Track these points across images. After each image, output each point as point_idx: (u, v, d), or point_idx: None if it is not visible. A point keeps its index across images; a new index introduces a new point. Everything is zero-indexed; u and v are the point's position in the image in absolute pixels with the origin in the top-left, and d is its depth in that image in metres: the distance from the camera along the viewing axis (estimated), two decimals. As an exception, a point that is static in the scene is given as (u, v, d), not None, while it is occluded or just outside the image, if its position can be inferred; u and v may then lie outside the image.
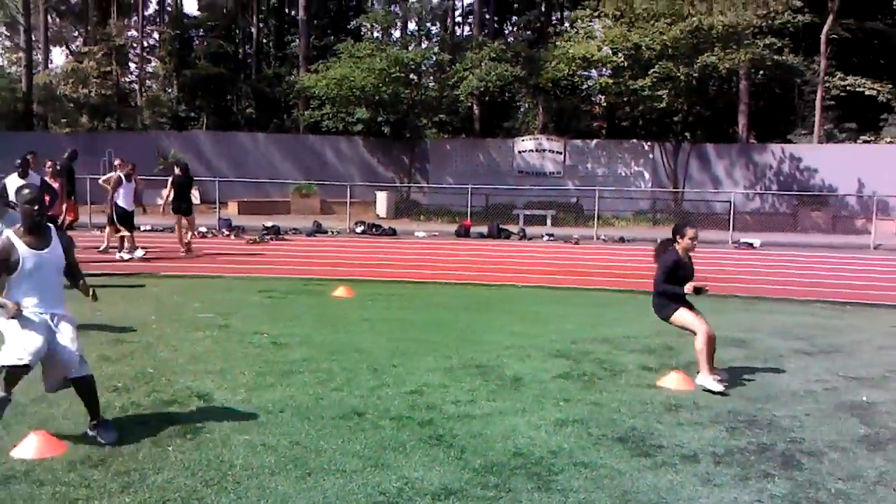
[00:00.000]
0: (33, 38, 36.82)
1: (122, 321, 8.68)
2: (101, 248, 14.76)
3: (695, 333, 6.58)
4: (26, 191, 5.01)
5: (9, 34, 42.38)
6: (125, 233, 14.26)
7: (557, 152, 29.55)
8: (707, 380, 6.43)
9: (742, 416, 5.76)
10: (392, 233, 20.86)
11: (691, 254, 6.88)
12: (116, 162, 14.90)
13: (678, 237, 6.77)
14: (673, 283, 6.64)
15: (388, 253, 16.66)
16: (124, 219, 14.21)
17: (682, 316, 6.69)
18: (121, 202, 14.16)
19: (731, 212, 21.52)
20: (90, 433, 4.97)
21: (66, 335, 4.93)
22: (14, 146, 17.82)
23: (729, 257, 16.95)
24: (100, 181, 15.32)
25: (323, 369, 6.82)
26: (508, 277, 13.25)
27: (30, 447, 4.67)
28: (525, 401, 6.03)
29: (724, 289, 12.12)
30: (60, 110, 35.48)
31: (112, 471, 4.47)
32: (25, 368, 4.76)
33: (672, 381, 6.54)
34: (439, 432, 5.24)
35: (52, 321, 4.92)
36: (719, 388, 6.34)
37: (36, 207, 4.87)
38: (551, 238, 20.44)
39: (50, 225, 5.13)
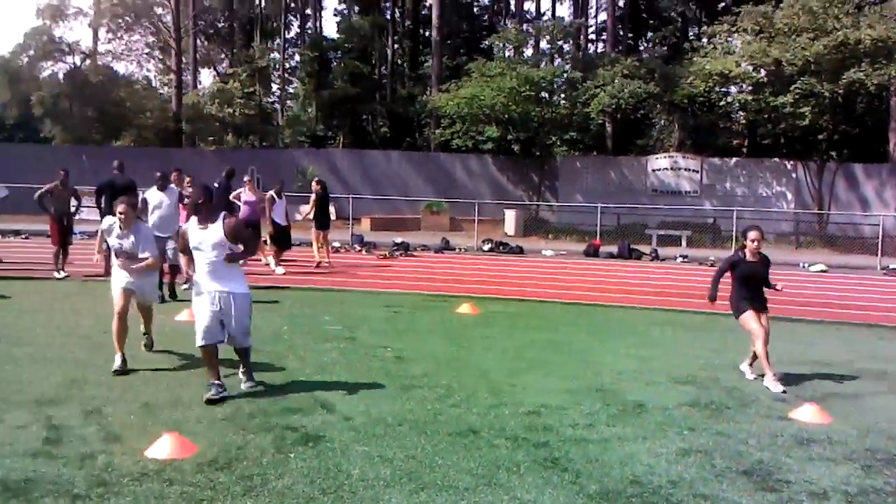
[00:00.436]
0: (183, 61, 39.15)
1: (257, 331, 9.04)
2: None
3: (753, 338, 7.36)
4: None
5: (162, 57, 45.24)
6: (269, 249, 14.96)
7: (694, 171, 28.70)
8: (771, 382, 7.09)
9: (880, 455, 5.38)
10: (519, 251, 20.83)
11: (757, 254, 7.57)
12: (246, 178, 15.46)
13: (743, 239, 7.61)
14: (738, 283, 7.56)
15: (515, 271, 16.64)
16: (281, 235, 14.87)
17: (745, 320, 7.47)
18: (276, 218, 14.86)
19: (881, 236, 20.23)
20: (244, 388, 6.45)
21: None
22: (165, 162, 19.02)
23: (875, 284, 15.92)
24: (230, 197, 16.10)
25: (442, 385, 6.88)
26: (637, 299, 12.94)
27: (163, 448, 4.94)
28: (647, 427, 5.87)
29: (866, 317, 11.40)
30: (207, 129, 37.51)
31: (236, 474, 4.67)
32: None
33: (806, 413, 6.19)
34: (555, 455, 5.18)
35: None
36: (780, 388, 7.00)
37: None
38: (685, 259, 19.85)
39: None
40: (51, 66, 40.97)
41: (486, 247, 21.17)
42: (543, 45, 38.14)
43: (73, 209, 13.70)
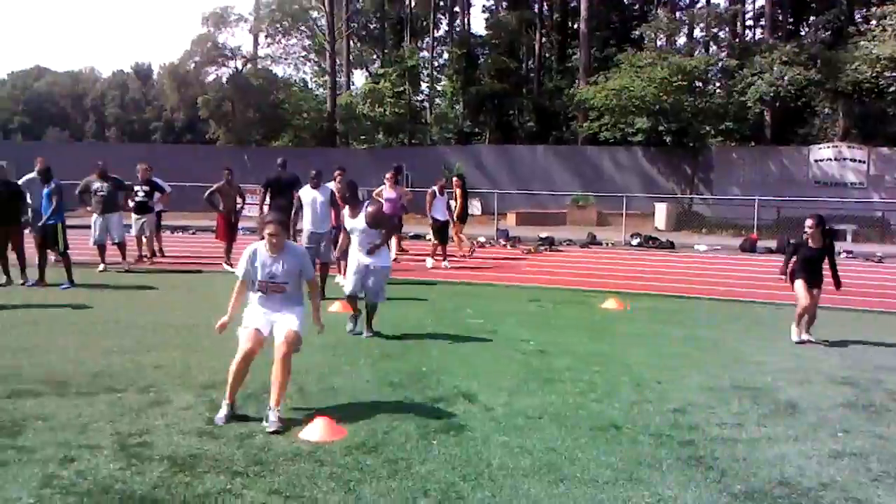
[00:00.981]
0: (337, 63, 40.62)
1: (403, 322, 9.35)
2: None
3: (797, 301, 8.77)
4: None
5: (317, 59, 47.09)
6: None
7: (860, 161, 27.01)
8: (793, 333, 8.79)
9: None
10: (670, 245, 20.28)
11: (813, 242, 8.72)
12: (388, 175, 15.89)
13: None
14: (798, 262, 8.90)
15: (664, 266, 16.24)
16: (440, 229, 15.31)
17: (796, 287, 8.86)
18: (436, 215, 15.29)
19: None
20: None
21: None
22: (319, 161, 19.82)
23: None
24: (373, 195, 16.66)
25: (585, 380, 6.85)
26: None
27: (315, 430, 5.20)
28: (799, 428, 5.62)
29: None
30: (360, 128, 38.77)
31: (382, 458, 4.85)
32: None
33: (981, 419, 5.74)
34: (700, 453, 5.06)
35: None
36: (797, 338, 8.71)
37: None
38: (850, 255, 18.67)
39: None
40: (215, 71, 43.59)
41: (635, 241, 20.75)
42: (697, 32, 36.95)
43: (238, 207, 14.54)
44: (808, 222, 8.71)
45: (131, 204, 14.37)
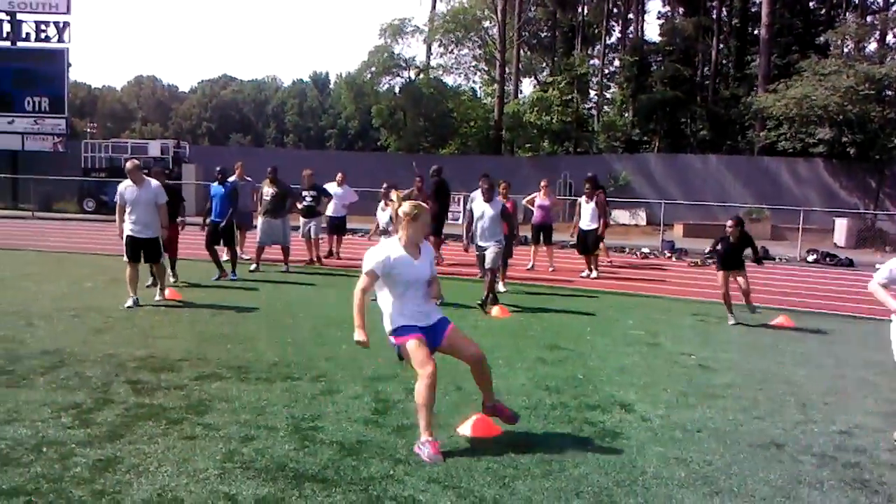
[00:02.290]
0: (506, 71, 41.05)
1: (562, 330, 9.46)
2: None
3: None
4: None
5: (487, 68, 47.76)
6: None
7: None
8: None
9: None
10: (849, 263, 19.12)
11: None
12: (543, 183, 15.97)
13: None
14: (720, 254, 10.98)
15: (841, 285, 15.36)
16: (582, 239, 15.29)
17: (719, 275, 11.02)
18: (582, 224, 15.23)
19: None
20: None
21: None
22: (482, 168, 20.20)
23: None
24: (523, 202, 16.87)
25: (747, 397, 6.69)
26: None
27: (472, 426, 5.42)
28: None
29: None
30: (525, 136, 39.02)
31: (536, 458, 4.99)
32: None
33: None
34: (865, 476, 4.87)
35: None
36: (732, 321, 10.52)
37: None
38: None
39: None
40: (388, 81, 45.14)
41: (811, 258, 19.72)
42: (890, 38, 34.54)
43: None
44: (729, 223, 10.91)
45: (299, 206, 14.89)
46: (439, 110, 40.74)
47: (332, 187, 15.93)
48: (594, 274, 14.84)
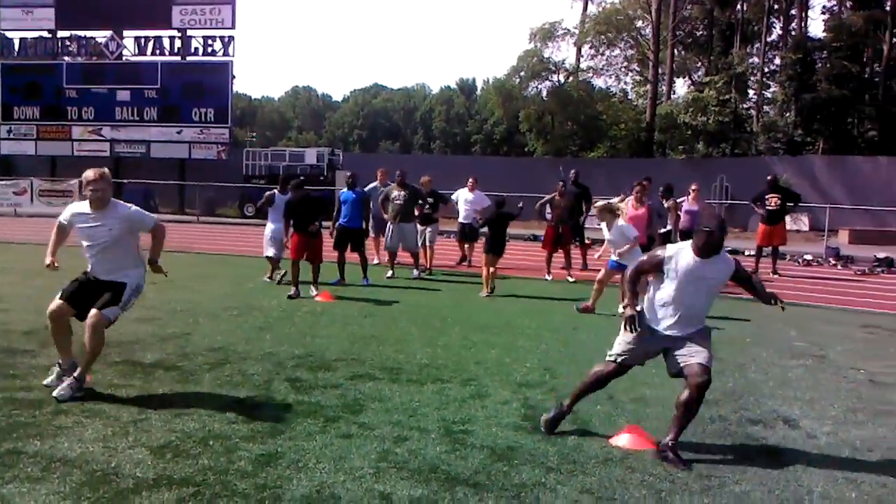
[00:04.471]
0: (660, 72, 40.00)
1: (719, 339, 9.06)
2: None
3: None
4: None
5: (639, 69, 46.73)
6: None
7: None
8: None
9: None
10: None
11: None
12: (693, 187, 15.43)
13: None
14: None
15: None
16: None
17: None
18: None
19: None
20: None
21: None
22: (634, 172, 19.79)
23: None
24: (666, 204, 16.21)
25: (927, 416, 6.18)
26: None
27: (625, 439, 5.29)
28: None
29: None
30: (678, 137, 37.88)
31: (695, 472, 4.81)
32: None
33: None
34: None
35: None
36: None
37: None
38: None
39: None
40: (537, 85, 45.00)
41: None
42: None
43: (570, 217, 14.71)
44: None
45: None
46: (588, 113, 40.26)
47: (463, 193, 15.54)
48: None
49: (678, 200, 15.36)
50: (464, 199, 15.41)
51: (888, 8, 40.36)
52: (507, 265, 15.75)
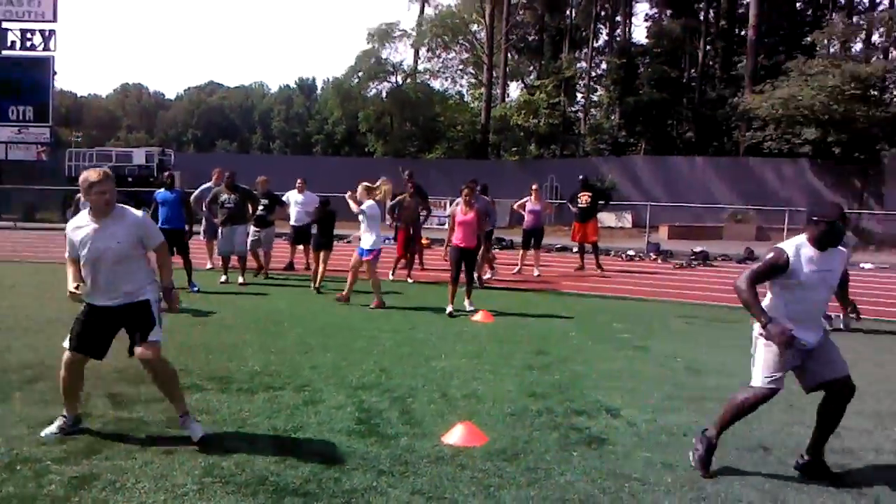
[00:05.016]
0: (494, 75, 41.05)
1: (548, 334, 9.41)
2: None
3: None
4: None
5: (474, 72, 47.79)
6: None
7: None
8: None
9: None
10: (835, 263, 19.12)
11: None
12: (534, 187, 16.00)
13: None
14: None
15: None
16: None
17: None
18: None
19: None
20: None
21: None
22: (470, 173, 20.19)
23: None
24: (514, 206, 16.84)
25: (734, 399, 6.64)
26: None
27: (457, 435, 5.36)
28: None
29: None
30: (512, 139, 39.05)
31: (522, 466, 4.93)
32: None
33: None
34: (855, 479, 4.83)
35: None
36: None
37: None
38: None
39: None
40: (376, 86, 45.07)
41: (796, 258, 19.72)
42: (876, 38, 34.74)
43: (421, 219, 14.74)
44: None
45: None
46: (426, 114, 40.74)
47: (293, 195, 14.89)
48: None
49: (522, 201, 15.87)
50: (294, 200, 14.73)
51: (702, 17, 43.39)
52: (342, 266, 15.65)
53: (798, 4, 44.14)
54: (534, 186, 15.92)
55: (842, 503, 4.47)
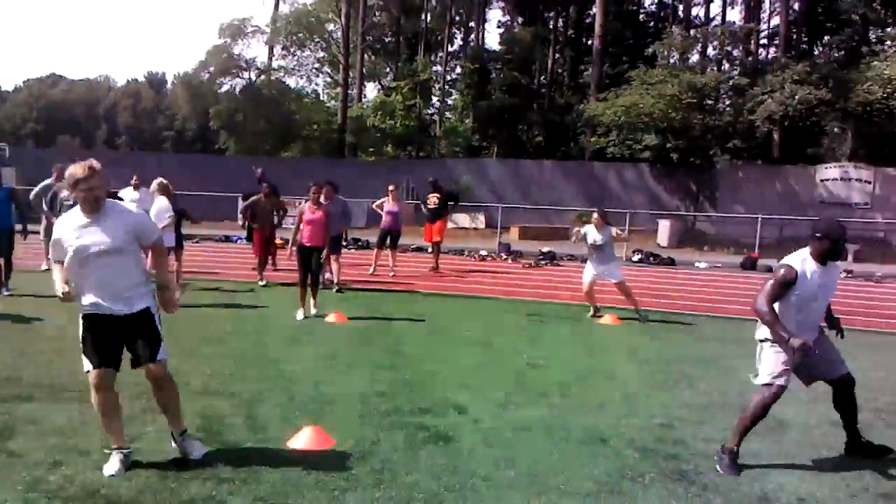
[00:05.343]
0: (350, 75, 40.85)
1: (397, 334, 9.45)
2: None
3: None
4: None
5: (330, 72, 47.41)
6: None
7: (866, 181, 26.98)
8: None
9: None
10: (671, 262, 20.31)
11: None
12: (391, 188, 16.07)
13: None
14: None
15: (663, 283, 16.26)
16: None
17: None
18: None
19: None
20: None
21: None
22: (327, 172, 20.00)
23: None
24: (373, 206, 16.88)
25: (575, 393, 6.91)
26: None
27: (303, 439, 5.27)
28: (784, 445, 5.66)
29: None
30: (368, 140, 38.97)
31: (369, 467, 4.91)
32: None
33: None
34: (683, 468, 5.11)
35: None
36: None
37: None
38: (849, 275, 18.65)
39: None
40: (228, 82, 43.91)
41: (636, 257, 20.79)
42: (711, 51, 37.02)
43: (276, 220, 14.38)
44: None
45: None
46: (281, 112, 40.01)
47: (128, 192, 14.31)
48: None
49: (380, 201, 15.85)
50: (129, 198, 14.07)
51: (551, 25, 44.86)
52: (191, 267, 15.15)
53: (641, 17, 46.47)
54: (391, 188, 15.94)
55: (673, 492, 4.71)
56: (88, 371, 4.77)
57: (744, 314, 12.31)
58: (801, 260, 5.17)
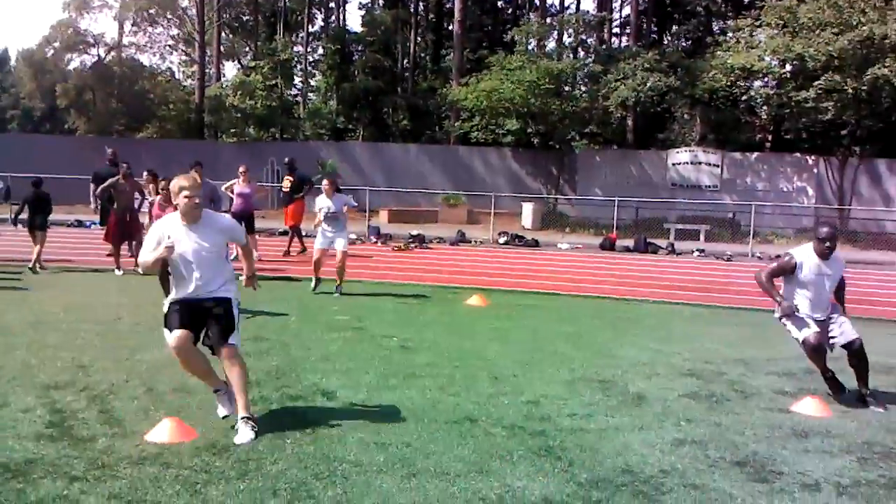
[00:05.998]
0: (207, 54, 39.41)
1: (265, 321, 9.20)
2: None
3: None
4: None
5: (186, 50, 45.60)
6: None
7: (714, 165, 28.55)
8: None
9: (877, 448, 5.34)
10: (535, 244, 20.82)
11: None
12: (242, 169, 15.37)
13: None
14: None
15: (529, 264, 16.65)
16: None
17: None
18: None
19: (903, 232, 20.02)
20: None
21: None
22: (185, 154, 19.21)
23: (895, 280, 15.76)
24: (223, 188, 16.23)
25: (444, 374, 6.93)
26: (650, 293, 12.93)
27: (163, 432, 5.02)
28: (644, 418, 5.88)
29: (883, 312, 11.33)
30: (228, 121, 37.71)
31: (232, 459, 4.73)
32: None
33: (808, 406, 6.17)
34: (549, 444, 5.21)
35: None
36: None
37: None
38: (702, 254, 19.74)
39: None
40: (76, 58, 41.49)
41: (502, 240, 21.19)
42: (566, 38, 38.05)
43: (136, 203, 13.62)
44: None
45: None
46: (134, 91, 38.16)
47: None
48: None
49: (230, 183, 15.23)
50: None
51: (412, 9, 44.81)
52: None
53: (499, 2, 47.19)
54: (241, 168, 15.20)
55: (540, 468, 4.78)
56: (168, 333, 5.23)
57: (605, 293, 12.80)
58: (804, 253, 6.48)
